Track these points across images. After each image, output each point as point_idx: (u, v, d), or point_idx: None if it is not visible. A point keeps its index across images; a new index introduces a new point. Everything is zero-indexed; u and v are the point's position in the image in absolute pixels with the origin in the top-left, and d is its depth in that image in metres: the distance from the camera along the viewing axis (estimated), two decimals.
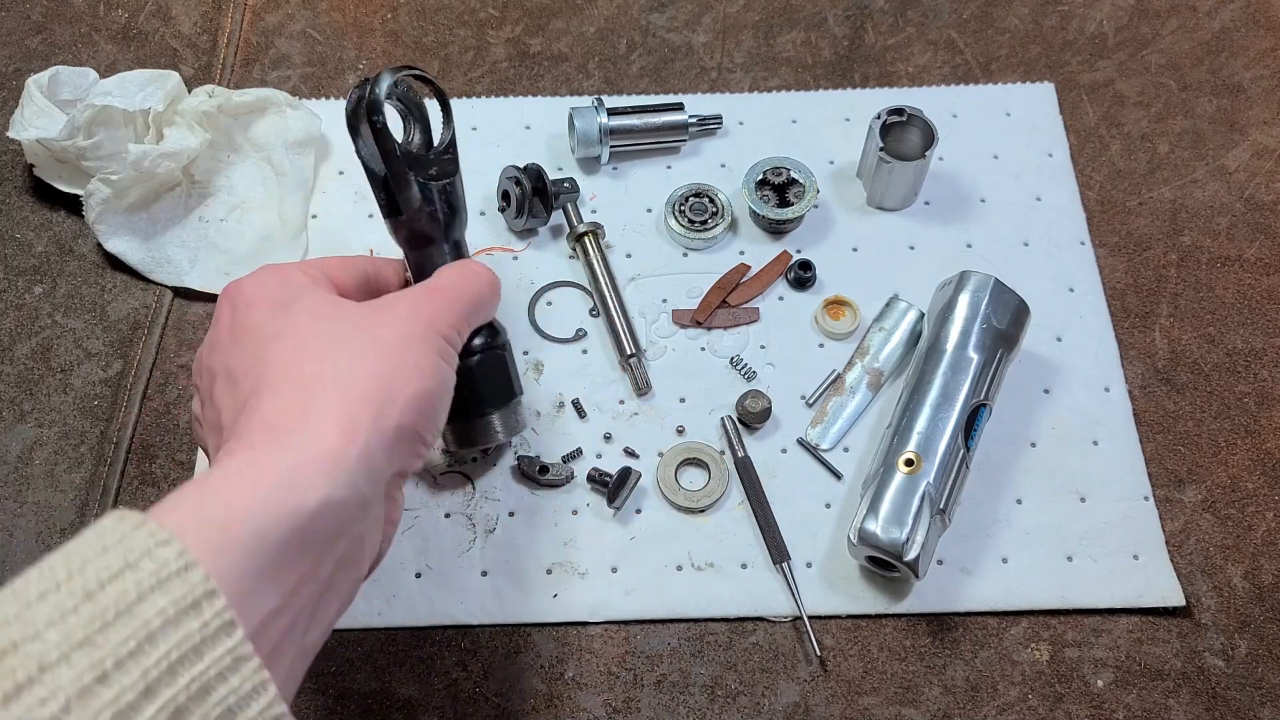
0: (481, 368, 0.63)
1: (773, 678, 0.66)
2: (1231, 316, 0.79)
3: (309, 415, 0.45)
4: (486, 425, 0.65)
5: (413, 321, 0.52)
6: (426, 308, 0.54)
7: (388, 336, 0.50)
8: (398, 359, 0.50)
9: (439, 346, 0.53)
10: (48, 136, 0.78)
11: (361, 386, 0.47)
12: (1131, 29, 0.93)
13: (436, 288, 0.56)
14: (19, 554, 0.70)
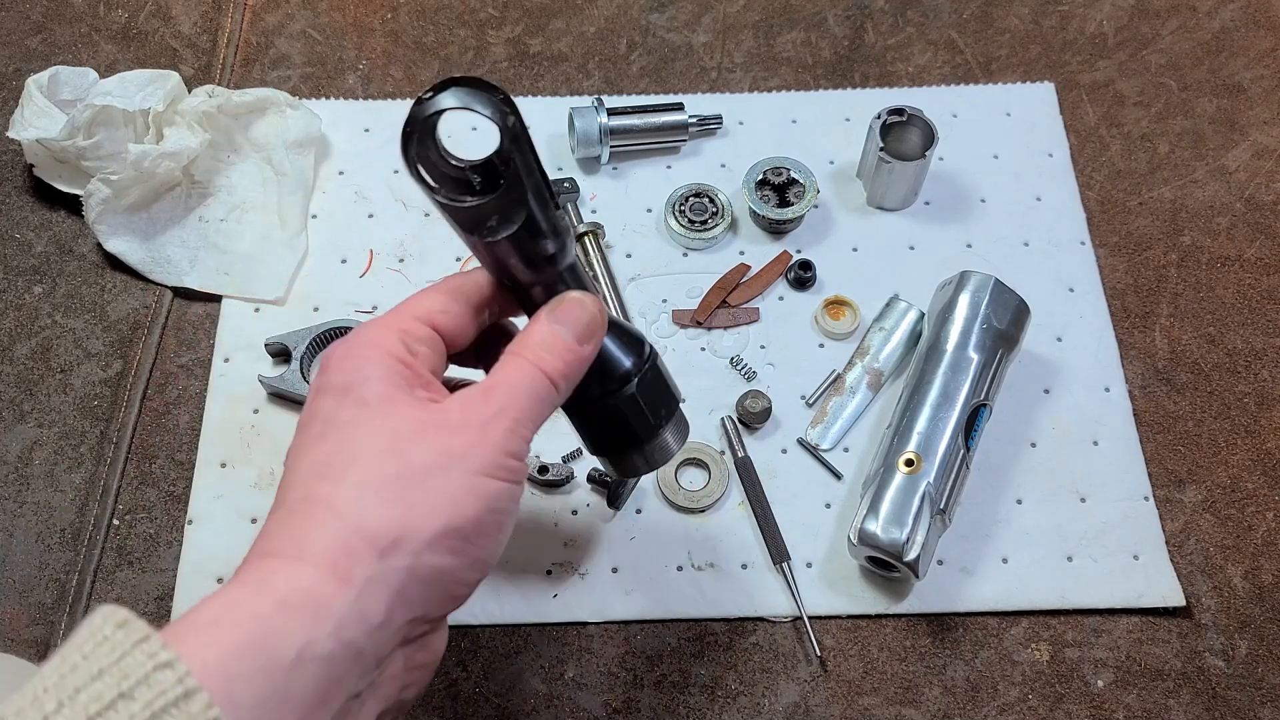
0: (643, 390, 0.51)
1: (773, 678, 0.66)
2: (1231, 316, 0.79)
3: (303, 547, 0.39)
4: (661, 446, 0.54)
5: (457, 435, 0.42)
6: (478, 414, 0.43)
7: (419, 457, 0.41)
8: (423, 488, 0.41)
9: (489, 464, 0.43)
10: (48, 136, 0.78)
11: (372, 520, 0.40)
12: (1131, 29, 0.93)
13: (493, 386, 0.45)
14: (19, 554, 0.70)
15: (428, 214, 0.84)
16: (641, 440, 0.53)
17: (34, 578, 0.69)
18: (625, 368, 0.51)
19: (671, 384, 0.54)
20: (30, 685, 0.33)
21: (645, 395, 0.51)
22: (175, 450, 0.74)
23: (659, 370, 0.53)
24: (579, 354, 0.47)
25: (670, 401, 0.54)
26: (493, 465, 0.43)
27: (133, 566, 0.70)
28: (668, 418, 0.53)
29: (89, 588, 0.69)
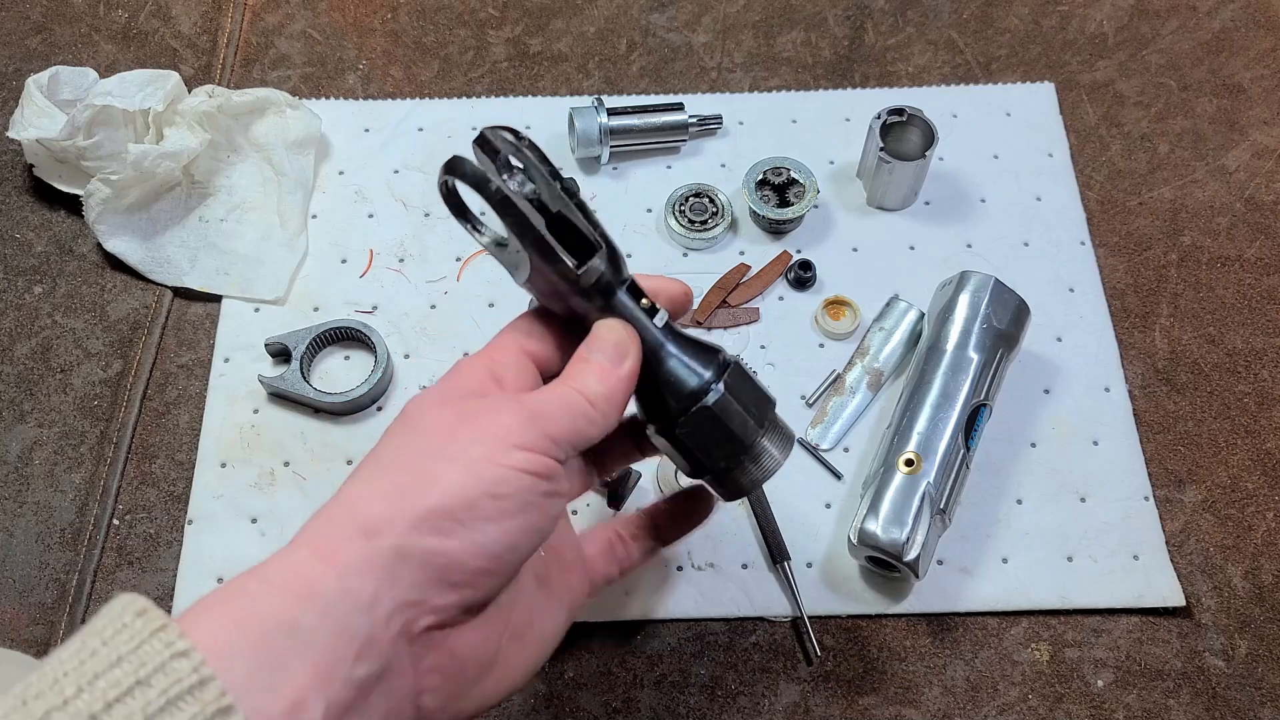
0: (723, 401, 0.48)
1: (773, 678, 0.66)
2: (1231, 316, 0.79)
3: (301, 536, 0.40)
4: (760, 456, 0.50)
5: (468, 424, 0.43)
6: (500, 410, 0.43)
7: (425, 444, 0.42)
8: (419, 469, 0.41)
9: (494, 450, 0.42)
10: (48, 136, 0.78)
11: (365, 503, 0.40)
12: (1131, 29, 0.93)
13: (527, 397, 0.45)
14: (19, 554, 0.70)
15: (428, 214, 0.84)
16: (737, 452, 0.49)
17: (34, 578, 0.69)
18: (699, 381, 0.48)
19: (761, 390, 0.51)
20: (48, 668, 0.34)
21: (726, 406, 0.49)
22: (175, 450, 0.74)
23: (741, 378, 0.50)
24: (614, 373, 0.46)
25: (761, 408, 0.50)
26: (498, 451, 0.41)
27: (133, 566, 0.70)
28: (761, 426, 0.50)
29: (89, 588, 0.69)
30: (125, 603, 0.35)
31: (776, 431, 0.51)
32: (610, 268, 0.47)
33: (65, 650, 0.34)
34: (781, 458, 0.51)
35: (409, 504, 0.40)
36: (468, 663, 0.43)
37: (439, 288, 0.80)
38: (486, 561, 0.41)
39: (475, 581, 0.42)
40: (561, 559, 0.52)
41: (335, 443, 0.73)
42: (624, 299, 0.49)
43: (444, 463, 0.41)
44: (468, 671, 0.43)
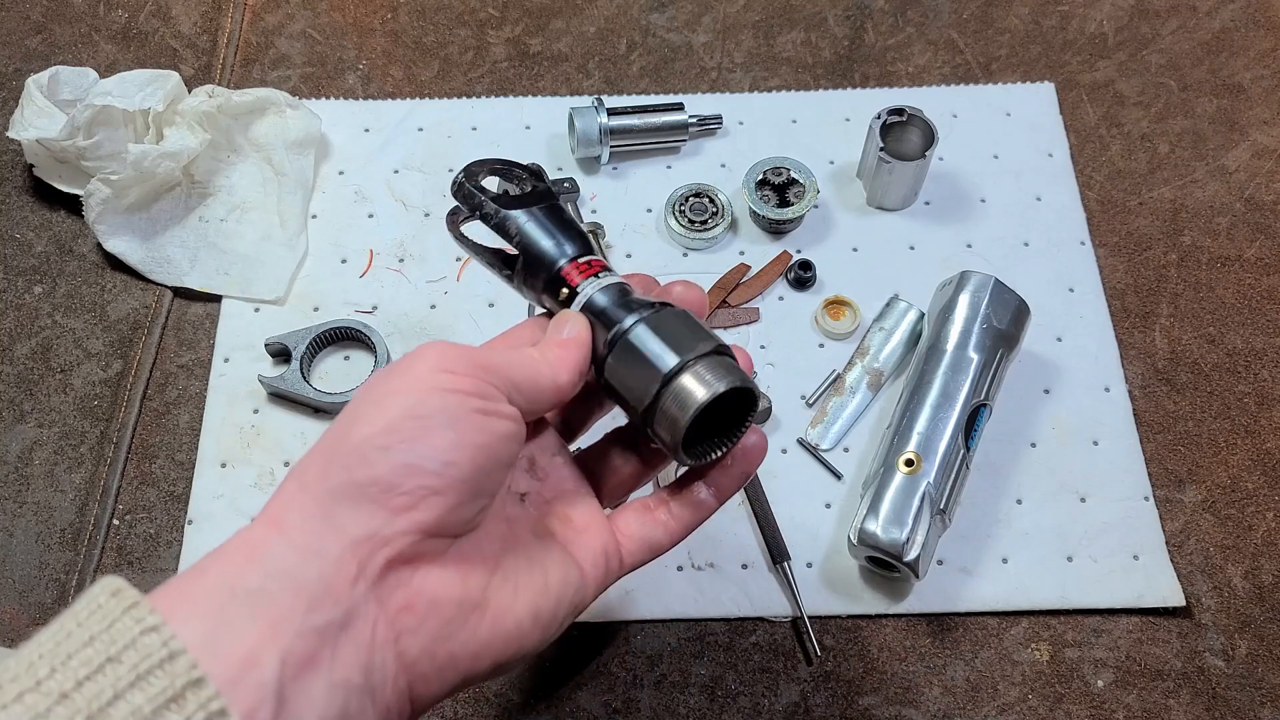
0: (655, 323, 0.48)
1: (773, 678, 0.66)
2: (1231, 316, 0.79)
3: (264, 507, 0.41)
4: (682, 388, 0.46)
5: (418, 366, 0.42)
6: (454, 360, 0.43)
7: (375, 392, 0.42)
8: (358, 412, 0.41)
9: (433, 380, 0.42)
10: (48, 136, 0.78)
11: (310, 461, 0.41)
12: (1131, 29, 0.93)
13: (459, 345, 0.45)
14: (19, 554, 0.70)
15: (428, 214, 0.83)
16: (652, 383, 0.47)
17: (34, 578, 0.69)
18: (627, 318, 0.48)
19: (698, 329, 0.48)
20: (25, 651, 0.34)
21: (643, 335, 0.48)
22: (175, 450, 0.74)
23: (674, 316, 0.48)
24: (563, 341, 0.48)
25: (687, 340, 0.47)
26: (422, 379, 0.41)
27: (133, 566, 0.70)
28: (681, 354, 0.47)
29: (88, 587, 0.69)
30: (103, 584, 0.36)
31: (707, 364, 0.47)
32: (535, 267, 0.52)
33: (44, 633, 0.35)
34: (703, 390, 0.46)
35: (337, 448, 0.40)
36: (442, 600, 0.41)
37: (439, 288, 0.80)
38: (424, 478, 0.40)
39: (419, 503, 0.40)
40: (567, 520, 0.50)
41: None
42: (555, 285, 0.52)
43: (367, 405, 0.41)
44: (444, 609, 0.41)
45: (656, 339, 0.47)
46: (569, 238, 0.52)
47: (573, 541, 0.49)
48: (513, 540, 0.46)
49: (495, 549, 0.45)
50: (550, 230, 0.52)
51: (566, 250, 0.51)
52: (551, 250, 0.51)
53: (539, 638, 0.45)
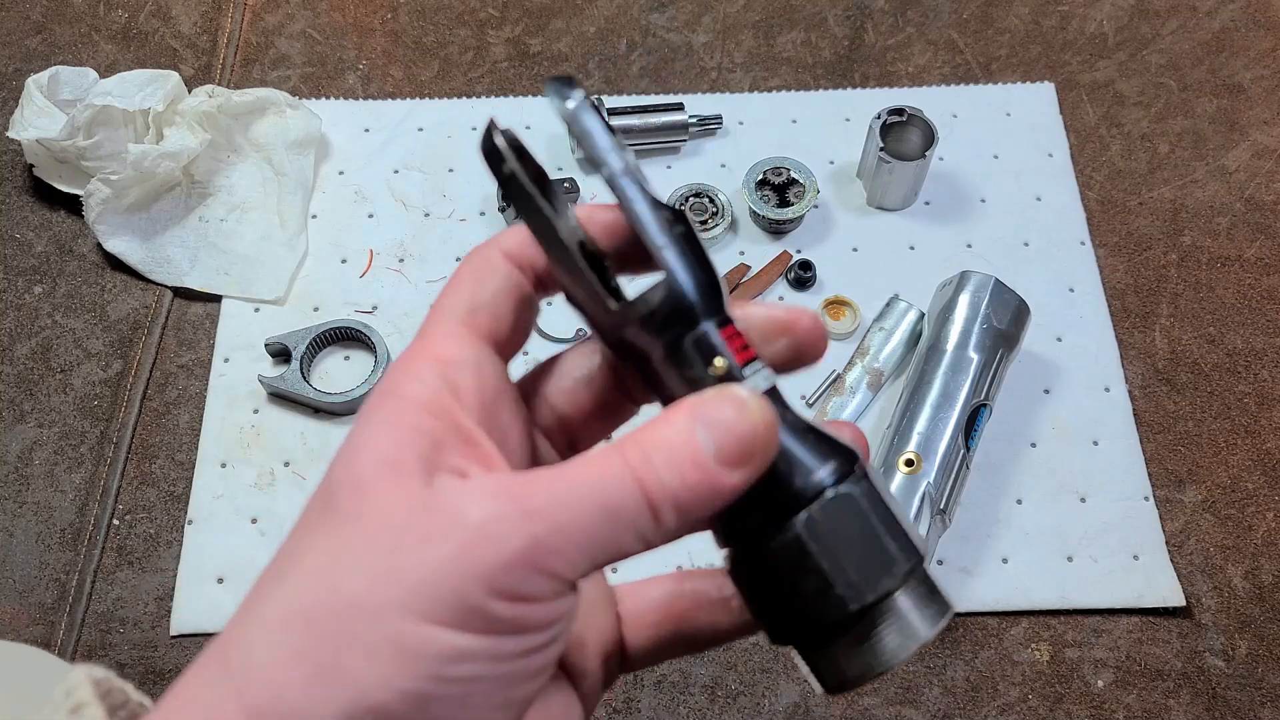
0: (820, 528, 0.28)
1: (773, 678, 0.66)
2: (1231, 317, 0.79)
3: (186, 711, 0.26)
4: (893, 623, 0.29)
5: (420, 548, 0.25)
6: (483, 512, 0.25)
7: (349, 583, 0.25)
8: (335, 639, 0.25)
9: (449, 604, 0.25)
10: (48, 136, 0.78)
11: (257, 685, 0.25)
12: (1131, 29, 0.93)
13: (547, 480, 0.26)
14: (19, 554, 0.70)
15: (427, 214, 0.84)
16: (828, 620, 0.28)
17: (34, 578, 0.69)
18: (795, 487, 0.28)
19: (898, 525, 0.29)
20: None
21: (824, 537, 0.28)
22: (175, 450, 0.74)
23: (861, 498, 0.28)
24: (712, 479, 0.27)
25: (887, 556, 0.28)
26: (454, 606, 0.25)
27: (133, 566, 0.70)
28: (886, 581, 0.28)
29: (89, 588, 0.69)
30: (70, 688, 0.27)
31: (917, 596, 0.29)
32: (691, 301, 0.29)
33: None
34: (924, 631, 0.29)
35: (317, 700, 0.25)
36: None
37: (439, 288, 0.80)
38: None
39: None
40: (580, 643, 0.33)
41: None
42: (691, 352, 0.29)
43: (370, 622, 0.25)
44: None
45: (863, 530, 0.28)
46: (706, 273, 0.29)
47: (569, 667, 0.32)
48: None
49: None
50: (694, 256, 0.29)
51: (709, 297, 0.29)
52: (698, 287, 0.29)
53: None
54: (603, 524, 0.26)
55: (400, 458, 0.27)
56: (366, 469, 0.27)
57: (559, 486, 0.26)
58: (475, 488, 0.26)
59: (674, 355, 0.29)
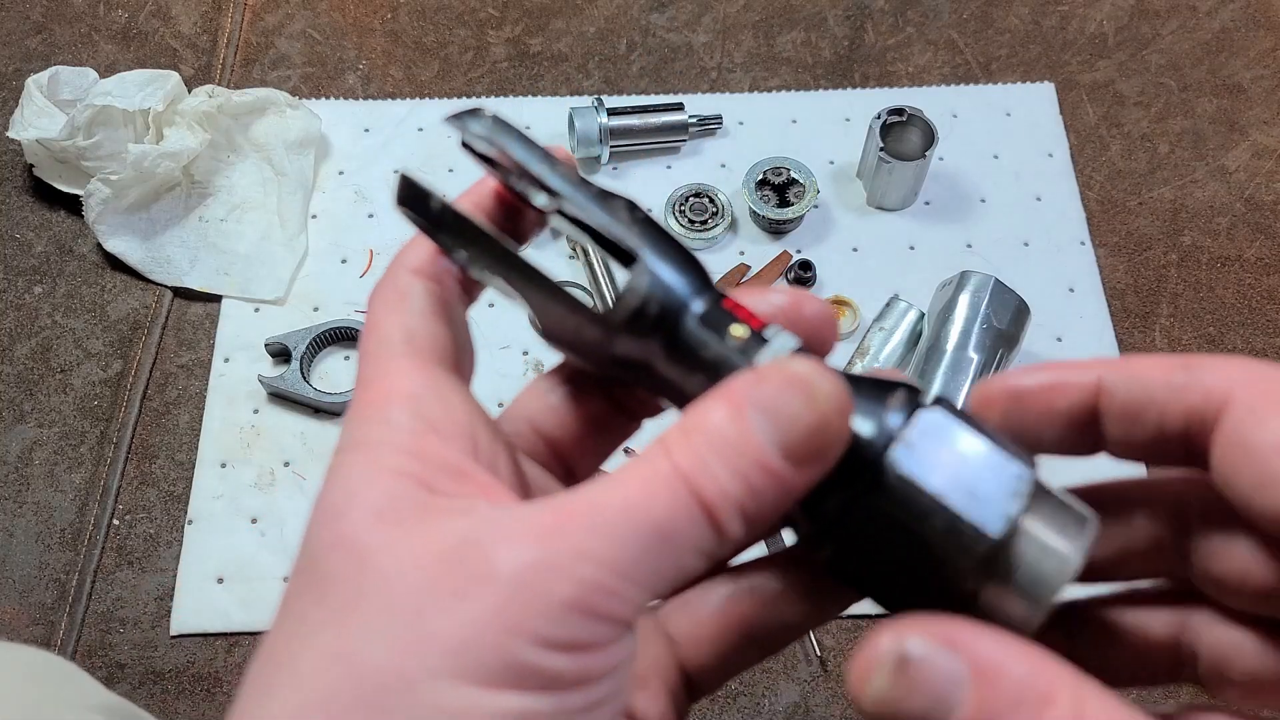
0: (922, 463, 0.24)
1: (773, 678, 0.66)
2: (1231, 317, 0.79)
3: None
4: (1024, 581, 0.24)
5: (452, 606, 0.22)
6: (517, 557, 0.22)
7: (374, 657, 0.21)
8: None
9: (496, 665, 0.21)
10: (48, 136, 0.78)
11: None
12: (1131, 29, 0.93)
13: (585, 506, 0.23)
14: (19, 554, 0.70)
15: None
16: (974, 558, 0.24)
17: (34, 577, 0.69)
18: (874, 428, 0.24)
19: (995, 435, 0.25)
20: None
21: (931, 464, 0.24)
22: (175, 450, 0.74)
23: (949, 415, 0.25)
24: (782, 480, 0.23)
25: (1004, 468, 0.24)
26: (503, 666, 0.21)
27: (133, 566, 0.70)
28: (1015, 498, 0.24)
29: (89, 588, 0.69)
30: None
31: (1052, 502, 0.25)
32: (677, 282, 0.26)
33: None
34: (1075, 547, 0.24)
35: None
36: None
37: None
38: None
39: None
40: (640, 684, 0.28)
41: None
42: (701, 332, 0.26)
43: (409, 696, 0.21)
44: None
45: (972, 435, 0.24)
46: (681, 252, 0.27)
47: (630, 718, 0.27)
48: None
49: None
50: (663, 237, 0.27)
51: (695, 273, 0.27)
52: (680, 265, 0.26)
53: None
54: (659, 549, 0.22)
55: (394, 509, 0.23)
56: (358, 528, 0.23)
57: (599, 514, 0.22)
58: (500, 530, 0.22)
59: (683, 341, 0.26)
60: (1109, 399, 0.25)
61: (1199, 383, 0.24)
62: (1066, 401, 0.25)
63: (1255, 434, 0.22)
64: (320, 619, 0.22)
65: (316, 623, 0.22)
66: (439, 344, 0.26)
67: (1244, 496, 0.23)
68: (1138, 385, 0.25)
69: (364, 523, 0.23)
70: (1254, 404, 0.23)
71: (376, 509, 0.23)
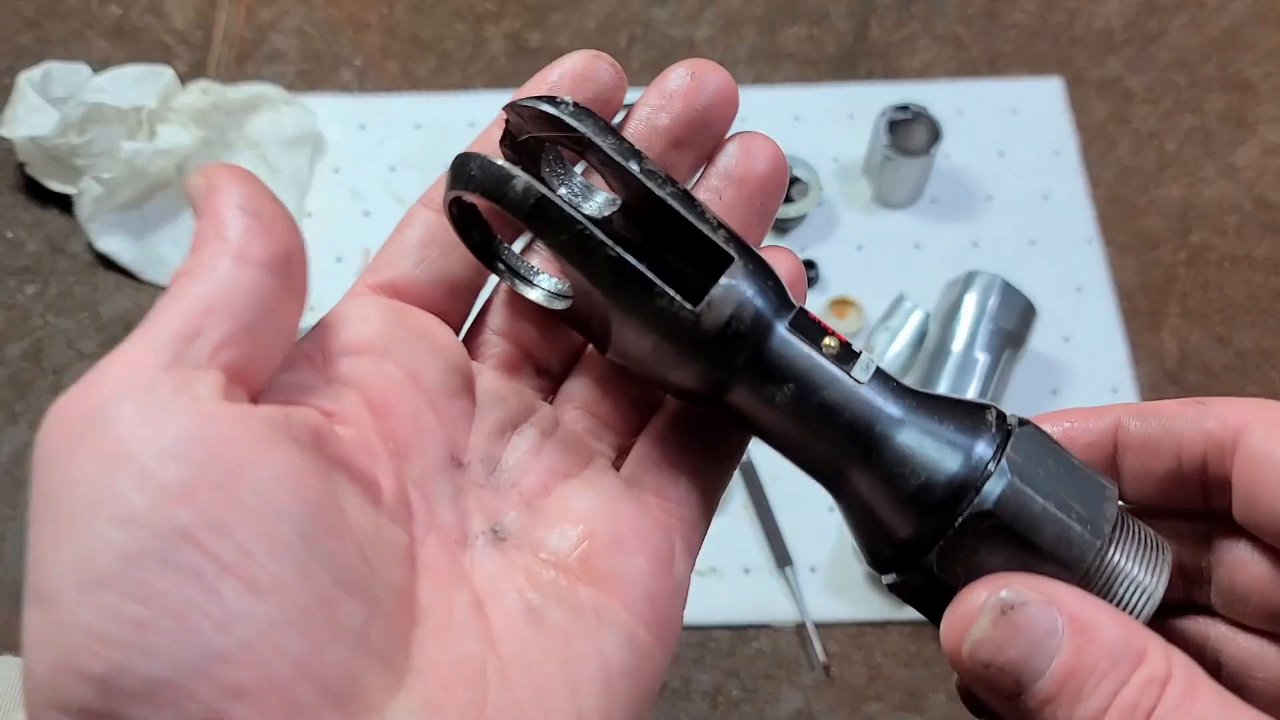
0: (1027, 476, 0.24)
1: (776, 685, 0.65)
2: (1241, 317, 0.78)
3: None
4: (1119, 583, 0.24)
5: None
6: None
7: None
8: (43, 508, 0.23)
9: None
10: (40, 134, 0.77)
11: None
12: (1139, 24, 0.92)
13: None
14: (12, 559, 0.69)
15: None
16: (1084, 567, 0.24)
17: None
18: (959, 467, 0.24)
19: (1075, 467, 0.25)
20: None
21: (1021, 506, 0.23)
22: None
23: (1035, 430, 0.25)
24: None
25: (1094, 483, 0.24)
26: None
27: None
28: (1097, 531, 0.24)
29: None
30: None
31: (1129, 540, 0.24)
32: (763, 293, 0.25)
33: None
34: (1153, 584, 0.24)
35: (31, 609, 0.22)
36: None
37: None
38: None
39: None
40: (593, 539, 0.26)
41: None
42: (794, 341, 0.25)
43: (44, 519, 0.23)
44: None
45: (1043, 504, 0.24)
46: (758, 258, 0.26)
47: (605, 575, 0.25)
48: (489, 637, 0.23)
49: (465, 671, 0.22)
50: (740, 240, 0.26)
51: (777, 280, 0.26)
52: (770, 275, 0.26)
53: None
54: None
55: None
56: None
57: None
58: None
59: (773, 351, 0.25)
60: (1127, 434, 0.26)
61: (1215, 414, 0.25)
62: (1087, 438, 0.26)
63: (1276, 448, 0.24)
64: None
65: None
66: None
67: (1266, 512, 0.24)
68: (1155, 419, 0.26)
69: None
70: (1272, 423, 0.24)
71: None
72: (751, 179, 0.28)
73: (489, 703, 0.22)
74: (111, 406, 0.20)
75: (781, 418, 0.26)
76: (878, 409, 0.25)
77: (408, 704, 0.21)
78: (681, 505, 0.27)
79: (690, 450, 0.28)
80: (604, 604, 0.24)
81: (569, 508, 0.25)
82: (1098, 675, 0.21)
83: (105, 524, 0.19)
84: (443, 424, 0.25)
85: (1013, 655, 0.22)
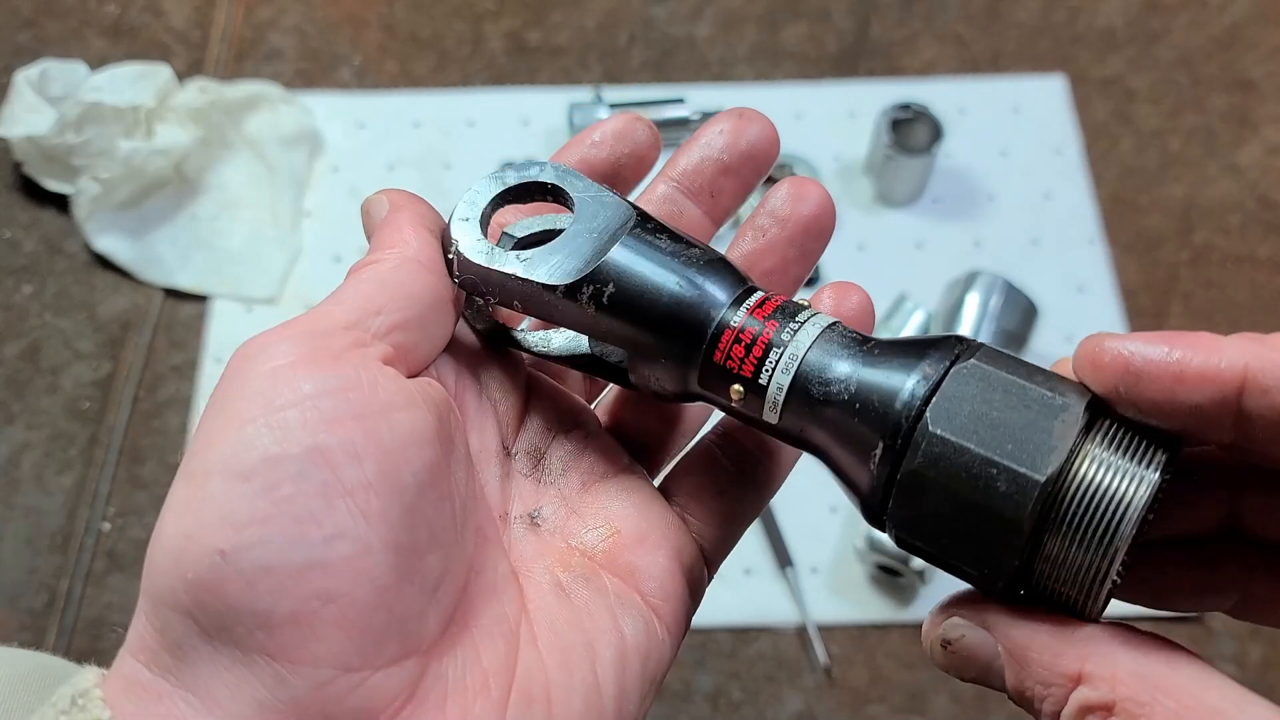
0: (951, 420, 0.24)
1: (777, 687, 0.65)
2: (1244, 316, 0.78)
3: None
4: (1087, 527, 0.23)
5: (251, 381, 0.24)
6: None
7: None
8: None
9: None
10: (37, 133, 0.77)
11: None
12: (1142, 23, 0.91)
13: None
14: (8, 558, 0.69)
15: None
16: (1021, 512, 0.23)
17: (23, 582, 0.68)
18: (898, 400, 0.24)
19: (1042, 372, 0.25)
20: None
21: (961, 418, 0.23)
22: (166, 453, 0.73)
23: (979, 364, 0.24)
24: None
25: (1048, 403, 0.24)
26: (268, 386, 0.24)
27: (123, 571, 0.69)
28: (1065, 432, 0.23)
29: (79, 593, 0.68)
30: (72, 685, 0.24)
31: (1100, 449, 0.23)
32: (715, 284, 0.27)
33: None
34: (1133, 491, 0.23)
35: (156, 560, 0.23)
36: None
37: None
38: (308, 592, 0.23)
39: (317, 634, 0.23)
40: (616, 536, 0.29)
41: None
42: (707, 395, 0.27)
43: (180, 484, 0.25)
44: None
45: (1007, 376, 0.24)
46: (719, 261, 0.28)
47: (627, 567, 0.28)
48: (520, 604, 0.26)
49: (498, 642, 0.25)
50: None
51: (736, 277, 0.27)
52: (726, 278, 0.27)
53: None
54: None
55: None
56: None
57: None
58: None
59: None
60: (1262, 396, 0.21)
61: None
62: (1200, 397, 0.22)
63: None
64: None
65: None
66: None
67: None
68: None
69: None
70: None
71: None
72: (794, 219, 0.30)
73: (520, 660, 0.25)
74: (293, 341, 0.24)
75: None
76: (798, 429, 0.26)
77: (460, 656, 0.24)
78: (705, 524, 0.29)
79: (721, 474, 0.30)
80: (624, 591, 0.27)
81: (602, 506, 0.28)
82: (1039, 698, 0.23)
83: (261, 428, 0.22)
84: (497, 414, 0.28)
85: (972, 677, 0.24)
